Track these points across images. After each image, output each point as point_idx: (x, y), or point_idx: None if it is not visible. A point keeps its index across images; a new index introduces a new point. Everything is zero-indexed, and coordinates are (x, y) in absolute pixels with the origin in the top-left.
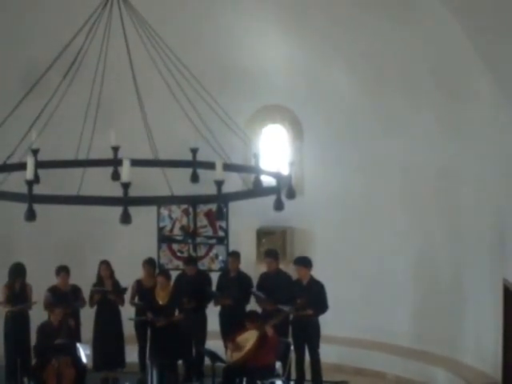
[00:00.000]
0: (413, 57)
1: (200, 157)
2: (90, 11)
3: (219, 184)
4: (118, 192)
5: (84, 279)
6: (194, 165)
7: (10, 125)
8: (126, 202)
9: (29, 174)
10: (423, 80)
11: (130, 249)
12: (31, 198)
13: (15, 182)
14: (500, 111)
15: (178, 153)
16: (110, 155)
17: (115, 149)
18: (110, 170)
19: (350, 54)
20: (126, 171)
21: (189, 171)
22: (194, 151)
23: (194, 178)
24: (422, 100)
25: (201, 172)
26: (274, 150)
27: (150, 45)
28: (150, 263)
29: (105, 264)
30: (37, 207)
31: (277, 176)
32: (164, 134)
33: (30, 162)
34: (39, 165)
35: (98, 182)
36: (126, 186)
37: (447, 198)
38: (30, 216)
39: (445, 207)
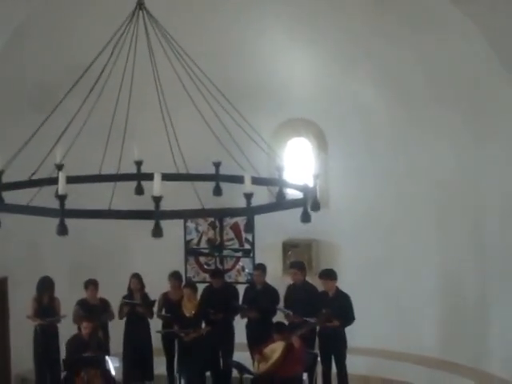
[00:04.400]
0: (438, 69)
1: (223, 170)
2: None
3: (248, 197)
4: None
5: (112, 292)
6: (217, 178)
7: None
8: (158, 215)
9: (61, 188)
10: (449, 91)
11: (157, 262)
12: (63, 213)
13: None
14: None
15: (200, 166)
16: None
17: (138, 163)
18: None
19: (374, 66)
20: (157, 185)
21: (208, 184)
22: (217, 165)
23: (217, 192)
24: (449, 112)
25: (221, 185)
26: (298, 163)
27: (174, 58)
28: (175, 276)
29: (135, 277)
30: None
31: (303, 188)
32: (187, 147)
33: (62, 177)
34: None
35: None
36: (157, 199)
37: (473, 211)
38: (62, 230)
39: (470, 220)
